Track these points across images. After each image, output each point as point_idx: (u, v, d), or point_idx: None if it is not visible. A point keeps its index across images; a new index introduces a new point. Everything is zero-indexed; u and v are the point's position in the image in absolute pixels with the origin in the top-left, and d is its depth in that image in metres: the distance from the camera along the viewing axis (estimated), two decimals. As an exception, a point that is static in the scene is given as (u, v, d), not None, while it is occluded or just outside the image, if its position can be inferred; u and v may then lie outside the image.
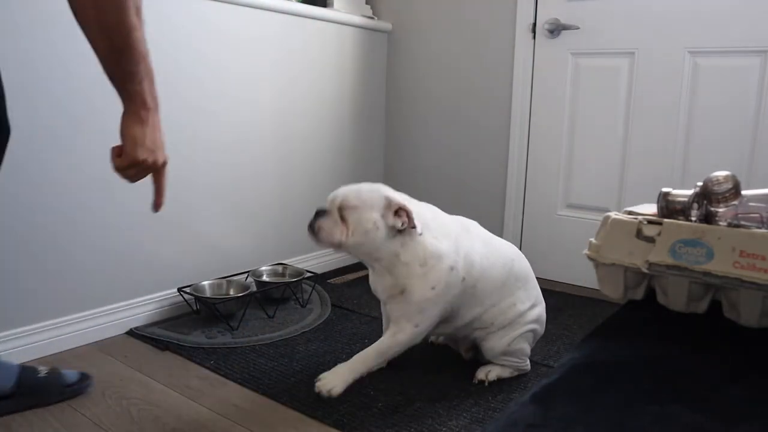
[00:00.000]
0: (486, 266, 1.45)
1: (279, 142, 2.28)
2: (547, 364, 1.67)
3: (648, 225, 1.03)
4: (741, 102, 1.99)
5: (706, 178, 1.05)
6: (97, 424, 1.34)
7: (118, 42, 0.92)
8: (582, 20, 2.24)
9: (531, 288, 1.56)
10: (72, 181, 1.68)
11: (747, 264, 0.86)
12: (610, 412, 0.69)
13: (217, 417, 1.39)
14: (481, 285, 1.45)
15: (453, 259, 1.40)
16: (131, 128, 1.00)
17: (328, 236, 1.36)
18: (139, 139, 1.00)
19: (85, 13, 0.90)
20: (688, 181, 2.01)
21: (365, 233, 1.36)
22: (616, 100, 2.22)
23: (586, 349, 0.94)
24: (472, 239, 1.47)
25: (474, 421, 1.38)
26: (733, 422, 0.66)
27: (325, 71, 2.44)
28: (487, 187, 2.53)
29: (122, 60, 0.94)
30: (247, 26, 2.10)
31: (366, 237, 1.36)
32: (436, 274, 1.38)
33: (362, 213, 1.35)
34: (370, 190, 1.40)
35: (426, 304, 1.39)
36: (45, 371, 1.42)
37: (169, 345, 1.75)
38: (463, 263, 1.41)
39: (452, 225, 1.46)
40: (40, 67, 1.57)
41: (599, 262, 1.12)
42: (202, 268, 2.06)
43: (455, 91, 2.57)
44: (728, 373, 0.81)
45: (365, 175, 2.72)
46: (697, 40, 2.04)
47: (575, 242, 2.27)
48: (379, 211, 1.36)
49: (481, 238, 1.50)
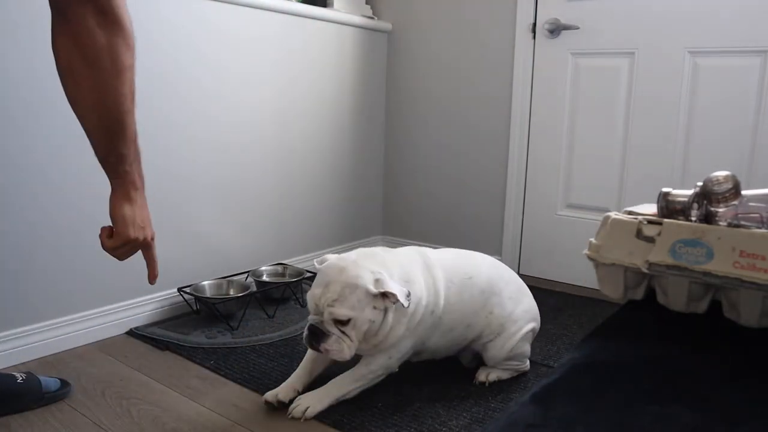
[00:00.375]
0: (451, 294, 1.46)
1: (279, 142, 2.28)
2: (547, 364, 1.67)
3: (648, 225, 1.03)
4: (741, 102, 1.99)
5: (706, 178, 1.05)
6: (97, 424, 1.34)
7: (114, 126, 0.96)
8: (582, 20, 2.24)
9: (504, 291, 1.53)
10: (71, 182, 1.67)
11: (747, 264, 0.86)
12: (610, 412, 0.69)
13: (217, 417, 1.39)
14: (448, 315, 1.46)
15: (424, 298, 1.41)
16: (121, 209, 1.05)
17: (340, 356, 1.33)
18: (129, 219, 1.06)
19: (84, 100, 0.94)
20: (688, 181, 2.01)
21: (367, 332, 1.34)
22: (616, 100, 2.22)
23: (586, 349, 0.94)
24: (433, 269, 1.46)
25: (474, 421, 1.38)
26: (733, 422, 0.66)
27: (325, 71, 2.44)
28: (487, 187, 2.53)
29: (116, 142, 0.99)
30: (247, 26, 2.10)
31: (369, 335, 1.35)
32: (410, 316, 1.39)
33: (357, 320, 1.31)
34: (351, 286, 1.31)
35: (399, 341, 1.40)
36: (22, 378, 1.41)
37: (169, 345, 1.75)
38: (432, 298, 1.43)
39: (414, 264, 1.45)
40: (38, 68, 1.57)
41: (599, 262, 1.12)
42: (202, 268, 2.06)
43: (455, 91, 2.57)
44: (728, 373, 0.81)
45: (365, 175, 2.72)
46: (697, 40, 2.04)
47: (575, 242, 2.27)
48: (369, 305, 1.32)
49: (441, 264, 1.49)
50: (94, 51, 0.91)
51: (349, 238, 2.68)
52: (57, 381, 1.46)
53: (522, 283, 1.62)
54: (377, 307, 1.33)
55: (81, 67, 0.93)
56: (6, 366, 1.58)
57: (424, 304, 1.41)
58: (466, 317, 1.49)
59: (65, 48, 0.92)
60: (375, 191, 2.81)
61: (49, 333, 1.67)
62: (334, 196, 2.57)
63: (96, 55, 0.91)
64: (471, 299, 1.48)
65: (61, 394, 1.44)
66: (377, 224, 2.85)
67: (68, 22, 0.90)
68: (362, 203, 2.74)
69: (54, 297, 1.68)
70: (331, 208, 2.57)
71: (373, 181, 2.79)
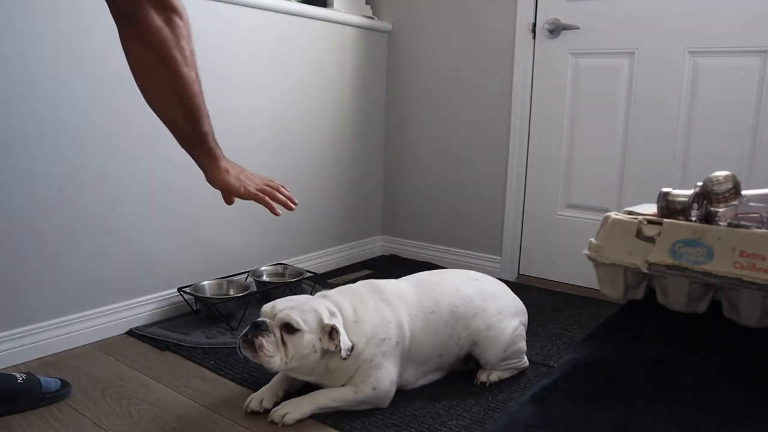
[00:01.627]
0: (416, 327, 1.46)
1: (278, 142, 2.28)
2: (547, 364, 1.67)
3: (648, 225, 1.03)
4: (741, 102, 1.99)
5: (706, 178, 1.05)
6: (97, 424, 1.34)
7: (194, 110, 1.10)
8: (582, 20, 2.24)
9: (468, 311, 1.51)
10: (71, 182, 1.68)
11: (747, 264, 0.86)
12: (610, 412, 0.69)
13: (217, 417, 1.39)
14: (416, 347, 1.46)
15: (382, 332, 1.40)
16: (224, 179, 1.21)
17: (267, 360, 1.30)
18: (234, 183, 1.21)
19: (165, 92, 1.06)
20: (688, 181, 2.01)
21: (303, 357, 1.33)
22: (616, 100, 2.22)
23: (586, 349, 0.94)
24: (393, 303, 1.45)
25: (474, 421, 1.38)
26: (733, 422, 0.66)
27: (325, 71, 2.44)
28: (488, 187, 2.53)
29: (197, 124, 1.12)
30: (246, 26, 2.10)
31: (303, 361, 1.33)
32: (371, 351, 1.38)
33: (302, 337, 1.31)
34: (309, 309, 1.34)
35: (375, 369, 1.39)
36: (22, 378, 1.41)
37: (169, 345, 1.75)
38: (394, 331, 1.42)
39: (370, 302, 1.44)
40: (32, 68, 1.57)
41: (599, 262, 1.12)
42: (202, 268, 2.06)
43: (455, 91, 2.57)
44: (728, 373, 0.81)
45: (365, 175, 2.72)
46: (697, 40, 2.04)
47: (575, 242, 2.27)
48: (317, 333, 1.33)
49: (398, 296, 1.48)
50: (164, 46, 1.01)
51: (349, 238, 2.68)
52: (57, 381, 1.46)
53: (493, 284, 1.60)
54: (321, 340, 1.33)
55: (155, 64, 1.02)
56: (6, 366, 1.58)
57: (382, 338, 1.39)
58: (436, 348, 1.49)
59: (138, 49, 1.01)
60: (375, 191, 2.81)
61: (49, 333, 1.67)
62: (334, 196, 2.57)
63: (166, 50, 1.01)
64: (436, 332, 1.48)
65: (62, 394, 1.44)
66: (377, 224, 2.85)
67: (135, 24, 0.99)
68: (362, 203, 2.74)
69: (54, 297, 1.68)
70: (331, 208, 2.57)
71: (373, 181, 2.79)
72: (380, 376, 1.39)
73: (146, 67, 1.03)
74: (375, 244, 2.83)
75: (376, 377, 1.39)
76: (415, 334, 1.46)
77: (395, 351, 1.42)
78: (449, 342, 1.50)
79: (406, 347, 1.44)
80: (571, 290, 2.31)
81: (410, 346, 1.45)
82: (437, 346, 1.49)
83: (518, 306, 1.60)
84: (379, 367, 1.39)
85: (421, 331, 1.46)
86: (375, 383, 1.39)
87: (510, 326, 1.53)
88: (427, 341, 1.47)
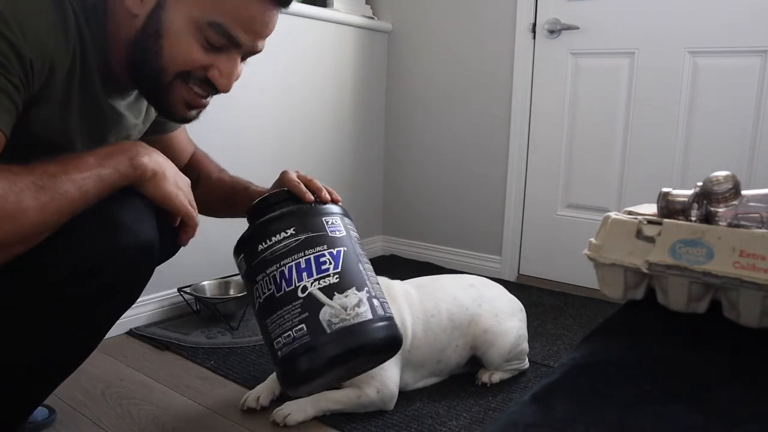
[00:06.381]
0: (417, 329, 1.46)
1: (278, 142, 2.28)
2: (547, 364, 1.67)
3: (648, 225, 1.03)
4: (741, 102, 1.99)
5: (706, 178, 1.05)
6: (96, 424, 1.34)
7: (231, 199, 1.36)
8: (582, 20, 2.24)
9: (466, 319, 1.51)
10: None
11: (747, 264, 0.86)
12: (610, 412, 0.69)
13: (217, 417, 1.39)
14: (415, 349, 1.46)
15: None
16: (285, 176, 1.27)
17: None
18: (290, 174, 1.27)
19: (214, 209, 1.39)
20: (688, 181, 2.01)
21: None
22: (616, 100, 2.22)
23: (586, 349, 0.94)
24: (399, 302, 1.46)
25: (474, 421, 1.38)
26: (733, 422, 0.66)
27: (325, 71, 2.44)
28: (487, 187, 2.53)
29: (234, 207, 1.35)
30: (247, 26, 2.09)
31: None
32: None
33: None
34: None
35: (376, 372, 1.37)
36: None
37: (169, 345, 1.75)
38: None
39: None
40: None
41: (599, 262, 1.12)
42: (202, 268, 2.05)
43: (455, 91, 2.57)
44: (728, 373, 0.81)
45: (365, 175, 2.72)
46: (697, 40, 2.04)
47: (575, 242, 2.27)
48: None
49: (404, 295, 1.49)
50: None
51: (349, 238, 2.68)
52: (44, 410, 1.35)
53: (488, 287, 1.60)
54: None
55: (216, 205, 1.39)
56: (6, 366, 1.58)
57: None
58: (434, 354, 1.49)
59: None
60: (375, 191, 2.81)
61: (49, 333, 1.67)
62: (334, 196, 2.57)
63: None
64: (435, 337, 1.48)
65: (46, 423, 1.33)
66: (377, 224, 2.85)
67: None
68: (362, 203, 2.74)
69: (54, 297, 1.68)
70: (331, 208, 2.56)
71: (373, 181, 2.79)
72: (384, 378, 1.39)
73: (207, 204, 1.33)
74: (375, 244, 2.83)
75: (380, 379, 1.38)
76: (417, 336, 1.46)
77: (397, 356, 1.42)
78: (447, 349, 1.50)
79: (406, 349, 1.44)
80: (571, 290, 2.31)
81: (410, 348, 1.45)
82: (436, 351, 1.49)
83: (515, 306, 1.60)
84: (383, 368, 1.38)
85: (421, 334, 1.46)
86: (379, 386, 1.38)
87: (512, 327, 1.53)
88: (426, 345, 1.47)
